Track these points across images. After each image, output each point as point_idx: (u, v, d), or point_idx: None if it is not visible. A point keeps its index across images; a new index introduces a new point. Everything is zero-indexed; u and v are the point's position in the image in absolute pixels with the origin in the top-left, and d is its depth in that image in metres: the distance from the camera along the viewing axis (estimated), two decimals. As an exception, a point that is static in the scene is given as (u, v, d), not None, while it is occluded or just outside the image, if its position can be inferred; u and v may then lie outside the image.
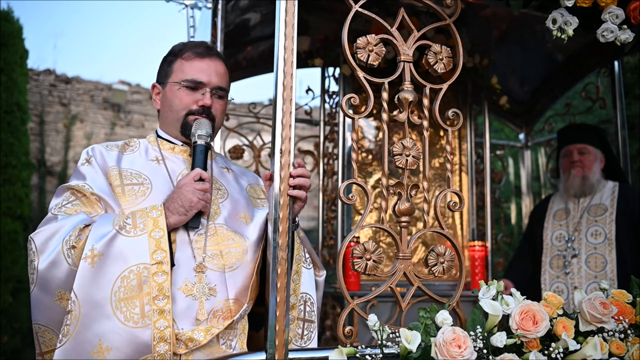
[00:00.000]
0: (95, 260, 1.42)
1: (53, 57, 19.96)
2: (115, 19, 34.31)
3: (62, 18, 32.94)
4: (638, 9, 1.69)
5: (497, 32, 3.42)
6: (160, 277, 1.45)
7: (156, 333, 1.41)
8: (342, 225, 3.31)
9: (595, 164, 3.08)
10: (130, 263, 1.44)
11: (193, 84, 1.69)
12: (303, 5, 1.49)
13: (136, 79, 23.11)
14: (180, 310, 1.49)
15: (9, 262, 5.43)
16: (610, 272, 2.84)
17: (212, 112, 1.70)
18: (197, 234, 1.59)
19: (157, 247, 1.47)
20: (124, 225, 1.48)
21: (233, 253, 1.59)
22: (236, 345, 1.55)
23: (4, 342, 5.43)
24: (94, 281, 1.41)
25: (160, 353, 1.41)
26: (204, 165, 1.63)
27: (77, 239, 1.46)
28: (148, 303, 1.42)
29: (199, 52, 1.73)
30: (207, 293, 1.53)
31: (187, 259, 1.54)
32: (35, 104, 7.25)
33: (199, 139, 1.65)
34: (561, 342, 1.37)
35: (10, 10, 5.98)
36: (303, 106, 3.93)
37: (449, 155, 1.58)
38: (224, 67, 1.77)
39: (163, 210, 1.53)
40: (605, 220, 2.96)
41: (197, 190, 1.54)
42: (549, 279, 3.05)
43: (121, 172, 1.64)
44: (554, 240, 3.12)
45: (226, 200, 1.71)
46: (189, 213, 1.54)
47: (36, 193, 6.94)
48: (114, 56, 33.89)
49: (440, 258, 1.48)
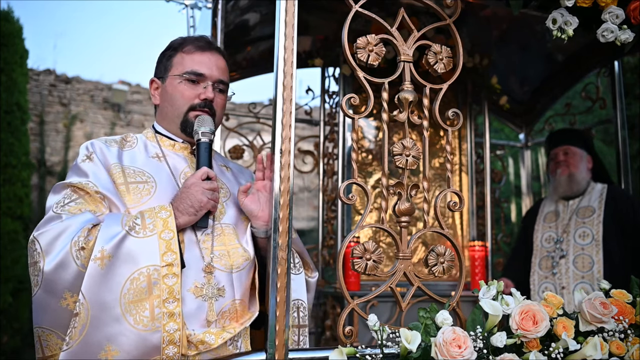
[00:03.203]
0: (105, 262, 1.39)
1: (53, 57, 19.99)
2: (115, 19, 34.33)
3: (63, 18, 32.97)
4: (638, 9, 1.69)
5: (497, 32, 3.43)
6: (171, 279, 1.43)
7: (166, 336, 1.40)
8: (342, 225, 3.31)
9: (581, 163, 3.12)
10: (140, 265, 1.41)
11: (195, 76, 1.67)
12: (303, 5, 1.48)
13: (136, 79, 23.12)
14: (190, 312, 1.47)
15: (9, 262, 5.44)
16: (597, 272, 2.88)
17: (213, 106, 1.68)
18: (205, 234, 1.57)
19: (167, 249, 1.44)
20: (134, 225, 1.45)
21: (240, 253, 1.59)
22: (242, 346, 1.55)
23: (4, 342, 5.43)
24: (104, 283, 1.38)
25: (169, 356, 1.40)
26: (210, 163, 1.61)
27: (86, 240, 1.42)
28: (158, 306, 1.40)
29: (200, 46, 1.71)
30: (217, 294, 1.52)
31: (196, 259, 1.53)
32: (35, 104, 7.25)
33: (203, 137, 1.62)
34: (561, 342, 1.37)
35: (10, 10, 5.99)
36: (303, 106, 3.93)
37: (449, 155, 1.58)
38: (225, 62, 1.75)
39: (172, 211, 1.50)
40: (593, 222, 3.00)
41: (206, 190, 1.52)
42: (537, 279, 3.10)
43: (124, 169, 1.61)
44: (543, 242, 3.17)
45: (229, 199, 1.69)
46: (198, 213, 1.52)
47: (36, 193, 6.94)
48: (114, 56, 33.91)
49: (440, 258, 1.48)
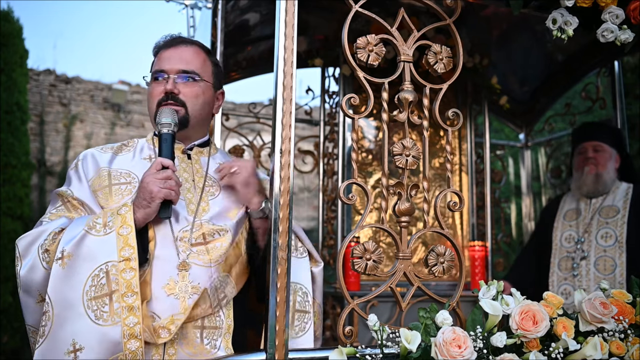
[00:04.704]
0: (66, 262, 1.43)
1: (53, 57, 19.96)
2: (115, 19, 34.33)
3: (62, 18, 32.96)
4: (638, 9, 1.69)
5: (497, 32, 3.43)
6: (128, 273, 1.44)
7: (126, 330, 1.41)
8: (342, 225, 3.32)
9: (610, 162, 2.96)
10: (99, 262, 1.44)
11: (158, 74, 1.69)
12: (303, 5, 1.48)
13: (136, 79, 23.04)
14: (162, 309, 1.49)
15: (8, 262, 5.43)
16: (619, 275, 2.76)
17: (179, 97, 1.67)
18: (183, 231, 1.57)
19: (124, 244, 1.46)
20: (94, 225, 1.48)
21: (219, 247, 1.58)
22: (221, 345, 1.55)
23: (4, 342, 5.43)
24: (66, 282, 1.42)
25: (132, 350, 1.40)
26: (171, 154, 1.60)
27: (51, 242, 1.48)
28: (117, 300, 1.42)
29: (165, 44, 1.74)
30: (190, 292, 1.52)
31: (171, 256, 1.54)
32: (35, 104, 7.25)
33: (162, 128, 1.62)
34: (561, 342, 1.37)
35: (10, 10, 5.98)
36: (303, 106, 3.93)
37: (449, 155, 1.58)
38: (193, 52, 1.73)
39: (131, 207, 1.51)
40: (617, 223, 2.87)
41: (158, 180, 1.50)
42: (556, 280, 2.98)
43: (110, 172, 1.64)
44: (563, 241, 3.03)
45: (217, 197, 1.68)
46: (152, 204, 1.50)
47: (36, 193, 6.94)
48: (114, 56, 33.91)
49: (440, 258, 1.48)
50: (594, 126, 3.27)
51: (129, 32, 39.80)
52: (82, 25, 36.61)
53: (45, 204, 6.93)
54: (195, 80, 1.70)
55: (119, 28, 36.41)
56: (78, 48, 32.69)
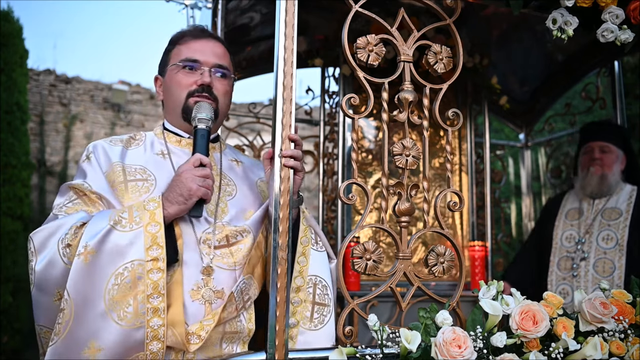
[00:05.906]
0: (89, 258, 1.36)
1: (53, 57, 19.99)
2: (115, 19, 34.35)
3: (62, 18, 32.98)
4: (638, 9, 1.69)
5: (497, 32, 3.42)
6: (156, 274, 1.39)
7: (150, 332, 1.37)
8: (342, 225, 3.31)
9: (615, 164, 2.94)
10: (125, 259, 1.38)
11: (190, 63, 1.64)
12: (303, 5, 1.48)
13: (136, 79, 23.14)
14: (189, 314, 1.45)
15: (9, 262, 5.44)
16: (617, 278, 2.74)
17: (213, 92, 1.64)
18: (205, 233, 1.53)
19: (152, 243, 1.40)
20: (119, 219, 1.42)
21: (242, 249, 1.56)
22: (238, 349, 1.53)
23: (4, 342, 5.43)
24: (87, 278, 1.36)
25: (153, 352, 1.38)
26: (206, 150, 1.56)
27: (73, 237, 1.40)
28: (142, 301, 1.37)
29: (194, 34, 1.70)
30: (214, 296, 1.49)
31: (195, 260, 1.50)
32: (35, 104, 7.25)
33: (200, 123, 1.58)
34: (561, 342, 1.37)
35: (10, 10, 5.98)
36: (303, 106, 3.93)
37: (449, 155, 1.58)
38: (223, 48, 1.72)
39: (161, 202, 1.45)
40: (619, 226, 2.84)
41: (197, 177, 1.46)
42: (555, 280, 2.96)
43: (125, 168, 1.58)
44: (563, 240, 3.02)
45: (234, 198, 1.65)
46: (188, 202, 1.46)
47: (36, 193, 6.94)
48: (114, 56, 33.92)
49: (440, 258, 1.48)
50: (602, 126, 3.23)
51: (129, 32, 39.84)
52: (82, 25, 36.66)
53: (45, 204, 6.94)
54: (226, 77, 1.69)
55: (119, 28, 36.46)
56: (78, 48, 32.72)
